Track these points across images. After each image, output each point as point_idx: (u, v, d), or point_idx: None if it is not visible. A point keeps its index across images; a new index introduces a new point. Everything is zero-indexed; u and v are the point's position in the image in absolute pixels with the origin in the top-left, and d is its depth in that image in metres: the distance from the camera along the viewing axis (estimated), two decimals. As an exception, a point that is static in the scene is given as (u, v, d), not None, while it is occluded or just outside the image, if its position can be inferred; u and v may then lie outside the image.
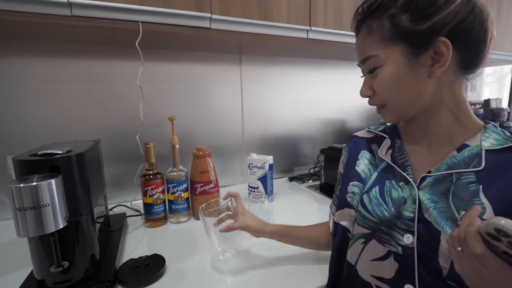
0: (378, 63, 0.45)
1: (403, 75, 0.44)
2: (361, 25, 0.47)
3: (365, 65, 0.48)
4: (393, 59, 0.44)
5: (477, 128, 0.46)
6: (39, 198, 0.46)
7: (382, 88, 0.47)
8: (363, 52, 0.47)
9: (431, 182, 0.45)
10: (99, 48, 0.96)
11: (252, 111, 1.26)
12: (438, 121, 0.46)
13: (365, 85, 0.50)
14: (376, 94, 0.48)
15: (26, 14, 0.64)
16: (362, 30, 0.47)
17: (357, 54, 0.49)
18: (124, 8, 0.70)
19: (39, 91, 0.91)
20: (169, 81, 1.08)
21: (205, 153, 0.93)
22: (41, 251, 0.52)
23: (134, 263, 0.63)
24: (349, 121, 1.54)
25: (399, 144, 0.53)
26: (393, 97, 0.47)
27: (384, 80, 0.45)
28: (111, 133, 1.01)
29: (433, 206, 0.42)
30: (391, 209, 0.47)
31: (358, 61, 0.49)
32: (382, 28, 0.43)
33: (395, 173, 0.50)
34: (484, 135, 0.44)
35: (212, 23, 0.81)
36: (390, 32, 0.43)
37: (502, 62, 1.75)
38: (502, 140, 0.43)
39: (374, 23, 0.44)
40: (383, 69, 0.45)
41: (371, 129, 0.60)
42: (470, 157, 0.43)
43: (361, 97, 0.51)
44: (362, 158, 0.56)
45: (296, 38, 0.95)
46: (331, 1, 0.98)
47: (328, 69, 1.42)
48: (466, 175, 0.42)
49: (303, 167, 1.42)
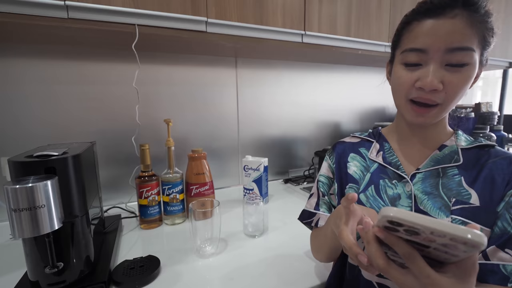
0: (471, 59, 0.42)
1: (472, 80, 0.44)
2: (458, 6, 0.41)
3: (454, 55, 0.42)
4: (476, 62, 0.43)
5: (451, 133, 0.54)
6: (34, 200, 0.46)
7: (459, 87, 0.43)
8: (462, 39, 0.41)
9: (422, 177, 0.50)
10: (95, 51, 0.96)
11: (248, 113, 1.27)
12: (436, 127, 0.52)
13: (435, 76, 0.42)
14: (443, 91, 0.43)
15: (23, 16, 0.64)
16: (460, 15, 0.41)
17: (447, 39, 0.41)
18: (120, 11, 0.71)
19: (34, 93, 0.91)
20: (165, 83, 1.09)
21: (201, 155, 0.93)
22: (36, 252, 0.52)
23: (129, 264, 0.64)
24: (343, 123, 1.56)
25: (388, 146, 0.57)
26: (458, 98, 0.45)
27: (466, 79, 0.43)
28: (107, 134, 1.01)
29: (427, 197, 0.47)
30: (388, 204, 0.49)
31: (445, 47, 0.41)
32: (483, 26, 0.42)
33: (388, 172, 0.53)
34: (457, 138, 0.52)
35: (208, 27, 0.82)
36: (482, 35, 0.42)
37: (493, 67, 1.79)
38: (470, 142, 0.52)
39: (474, 17, 0.41)
40: (470, 68, 0.42)
41: (356, 135, 0.63)
42: (450, 154, 0.50)
43: (427, 88, 0.43)
44: (352, 161, 0.58)
45: (291, 42, 0.97)
46: (325, 6, 1.00)
47: (322, 73, 1.44)
48: (450, 169, 0.49)
49: (298, 169, 1.44)
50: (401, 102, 0.49)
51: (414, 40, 0.44)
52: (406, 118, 0.49)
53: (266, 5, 0.89)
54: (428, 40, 0.43)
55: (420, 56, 0.44)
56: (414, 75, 0.45)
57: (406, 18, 0.47)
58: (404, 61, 0.46)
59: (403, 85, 0.46)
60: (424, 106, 0.45)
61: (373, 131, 0.62)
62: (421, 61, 0.44)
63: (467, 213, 0.44)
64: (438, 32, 0.42)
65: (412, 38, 0.45)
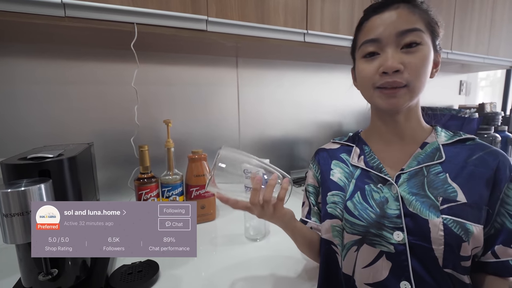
0: (421, 39, 0.46)
1: (430, 62, 0.48)
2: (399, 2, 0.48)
3: (404, 37, 0.46)
4: (429, 44, 0.47)
5: (429, 129, 0.54)
6: (27, 204, 0.44)
7: (418, 66, 0.46)
8: (408, 23, 0.46)
9: (407, 178, 0.49)
10: (93, 50, 0.95)
11: (249, 114, 1.26)
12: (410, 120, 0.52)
13: (394, 57, 0.46)
14: (405, 72, 0.46)
15: (19, 15, 0.62)
16: (402, 6, 0.47)
17: (395, 25, 0.46)
18: (119, 10, 0.70)
19: (31, 93, 0.89)
20: (165, 83, 1.07)
21: (201, 156, 0.92)
22: (29, 258, 0.50)
23: (127, 269, 0.62)
24: (346, 124, 1.54)
25: (368, 149, 0.56)
26: (421, 79, 0.47)
27: (424, 58, 0.46)
28: (105, 135, 1.00)
29: (415, 198, 0.46)
30: (376, 210, 0.48)
31: (395, 31, 0.46)
32: (424, 15, 0.47)
33: (372, 177, 0.52)
34: (437, 134, 0.53)
35: (208, 26, 0.80)
36: (427, 21, 0.47)
37: (495, 67, 1.77)
38: (450, 136, 0.52)
39: (416, 9, 0.47)
40: (423, 48, 0.46)
41: (336, 141, 0.63)
42: (432, 152, 0.50)
43: (389, 69, 0.46)
44: (336, 167, 0.57)
45: (293, 41, 0.95)
46: (327, 5, 0.98)
47: (324, 72, 1.42)
48: (434, 167, 0.49)
49: (299, 170, 1.42)
50: (370, 93, 0.51)
51: (368, 34, 0.49)
52: (379, 106, 0.50)
53: (267, 3, 0.88)
54: (379, 30, 0.47)
55: (376, 46, 0.48)
56: (375, 64, 0.48)
57: (358, 23, 0.53)
58: (363, 54, 0.50)
59: (368, 74, 0.49)
60: (392, 89, 0.48)
61: (353, 135, 0.62)
62: (378, 50, 0.48)
63: (456, 211, 0.44)
64: (386, 21, 0.47)
65: (365, 33, 0.50)
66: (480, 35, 1.46)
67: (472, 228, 0.43)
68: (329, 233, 0.53)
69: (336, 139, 0.63)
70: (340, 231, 0.51)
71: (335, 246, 0.53)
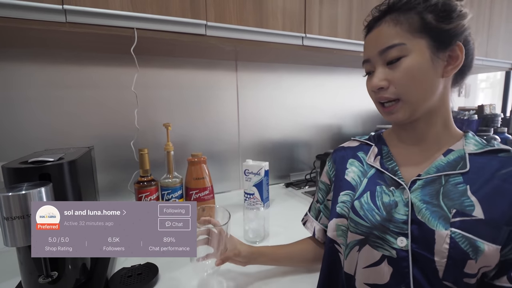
0: (404, 52, 0.45)
1: (427, 67, 0.45)
2: (384, 16, 0.47)
3: (386, 54, 0.46)
4: (419, 50, 0.45)
5: (459, 135, 0.50)
6: (28, 207, 0.45)
7: (405, 79, 0.45)
8: (387, 40, 0.46)
9: (422, 185, 0.47)
10: (93, 55, 0.96)
11: (248, 117, 1.26)
12: (433, 126, 0.49)
13: (377, 76, 0.47)
14: (392, 87, 0.46)
15: (20, 21, 0.63)
16: (385, 21, 0.47)
17: (377, 44, 0.47)
18: (119, 15, 0.70)
19: (32, 97, 0.90)
20: (164, 87, 1.08)
21: (201, 159, 0.92)
22: (30, 261, 0.50)
23: (127, 272, 0.62)
24: (345, 126, 1.54)
25: (386, 150, 0.55)
26: (413, 90, 0.46)
27: (409, 70, 0.45)
28: (105, 139, 1.00)
29: (425, 207, 0.44)
30: (382, 213, 0.47)
31: (376, 51, 0.47)
32: (411, 20, 0.45)
33: (385, 179, 0.51)
34: (466, 141, 0.49)
35: (207, 30, 0.81)
36: (418, 25, 0.45)
37: (495, 69, 1.78)
38: (480, 146, 0.48)
39: (401, 15, 0.45)
40: (409, 59, 0.45)
41: (356, 138, 0.62)
42: (456, 160, 0.47)
43: (371, 89, 0.49)
44: (351, 167, 0.56)
45: (292, 45, 0.96)
46: (325, 8, 0.99)
47: (323, 76, 1.43)
48: (454, 177, 0.45)
49: (299, 173, 1.42)
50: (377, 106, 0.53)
51: (364, 53, 0.52)
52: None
53: (266, 7, 0.89)
54: (368, 50, 0.50)
55: (369, 65, 0.50)
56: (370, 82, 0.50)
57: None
58: (365, 71, 0.53)
59: (369, 91, 0.52)
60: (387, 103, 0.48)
61: (374, 134, 0.61)
62: (372, 68, 0.50)
63: (468, 226, 0.41)
64: (371, 42, 0.49)
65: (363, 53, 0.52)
66: (478, 36, 1.46)
67: (484, 246, 0.39)
68: (334, 232, 0.53)
69: (357, 137, 0.62)
70: (345, 230, 0.51)
71: (338, 246, 0.53)
